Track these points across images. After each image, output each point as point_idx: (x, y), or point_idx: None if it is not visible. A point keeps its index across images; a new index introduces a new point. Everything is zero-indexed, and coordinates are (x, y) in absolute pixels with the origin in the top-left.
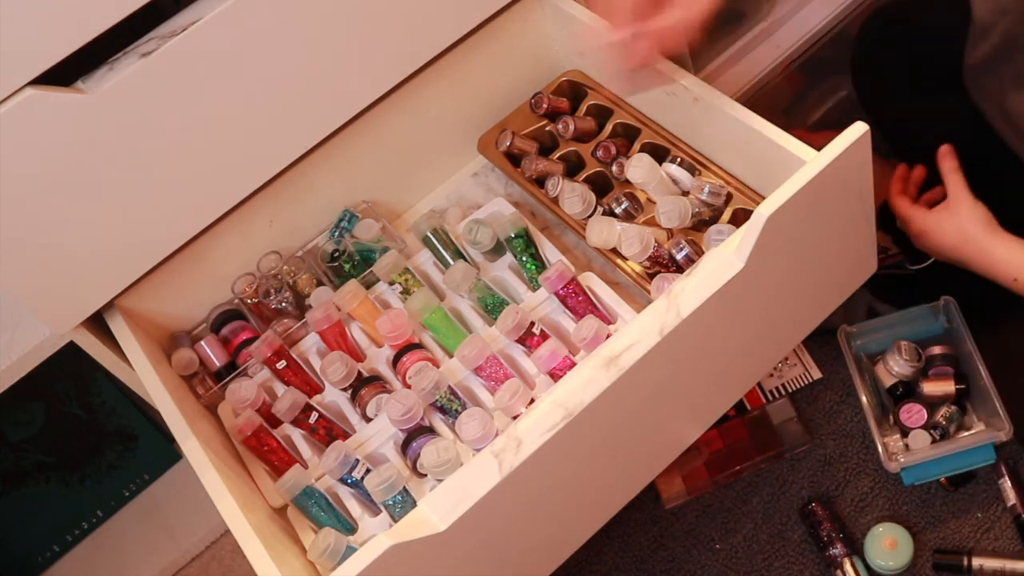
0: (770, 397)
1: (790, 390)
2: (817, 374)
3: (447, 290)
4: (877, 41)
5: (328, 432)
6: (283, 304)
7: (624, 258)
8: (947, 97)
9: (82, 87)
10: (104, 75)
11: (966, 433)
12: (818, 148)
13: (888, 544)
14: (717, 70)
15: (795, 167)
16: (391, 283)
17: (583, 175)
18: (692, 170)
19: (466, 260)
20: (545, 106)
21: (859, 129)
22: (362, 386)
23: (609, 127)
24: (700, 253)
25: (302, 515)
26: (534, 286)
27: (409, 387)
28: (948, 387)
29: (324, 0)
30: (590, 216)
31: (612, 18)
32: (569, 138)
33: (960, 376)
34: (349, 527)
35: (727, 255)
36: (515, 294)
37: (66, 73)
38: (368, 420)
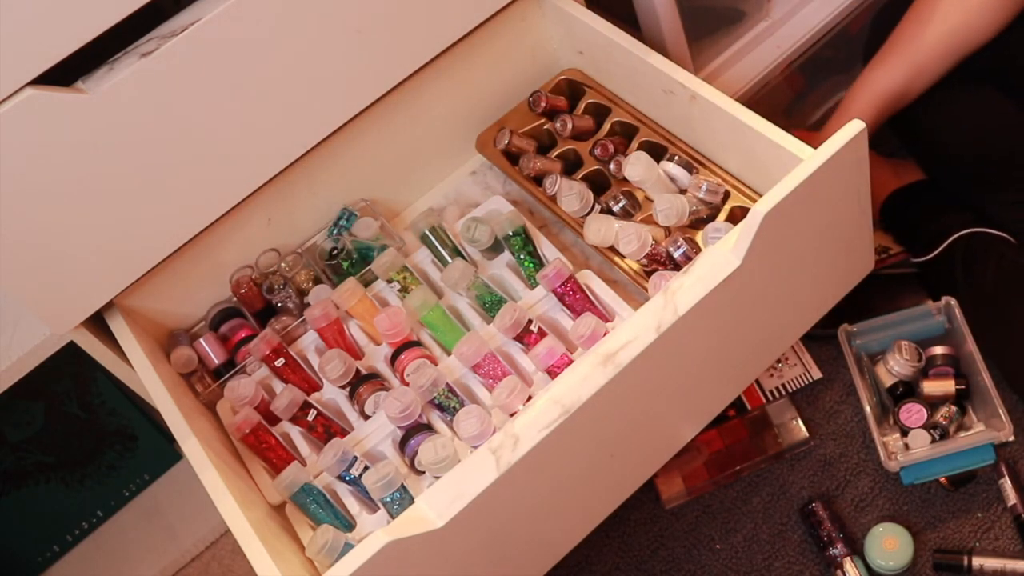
0: (770, 397)
1: (790, 390)
2: (817, 374)
3: (445, 288)
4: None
5: (326, 429)
6: (286, 301)
7: (622, 256)
8: (971, 87)
9: (82, 87)
10: (104, 75)
11: (966, 433)
12: (817, 148)
13: (888, 544)
14: (717, 70)
15: (792, 165)
16: (389, 281)
17: (581, 173)
18: (690, 168)
19: (464, 258)
20: (543, 104)
21: (855, 127)
22: (360, 384)
23: (607, 125)
24: (697, 251)
25: (300, 512)
26: (532, 284)
27: (407, 385)
28: (948, 387)
29: (323, 1)
30: (588, 214)
31: None
32: (567, 136)
33: (960, 376)
34: (347, 524)
35: (724, 253)
36: (513, 292)
37: (66, 73)
38: (366, 417)
